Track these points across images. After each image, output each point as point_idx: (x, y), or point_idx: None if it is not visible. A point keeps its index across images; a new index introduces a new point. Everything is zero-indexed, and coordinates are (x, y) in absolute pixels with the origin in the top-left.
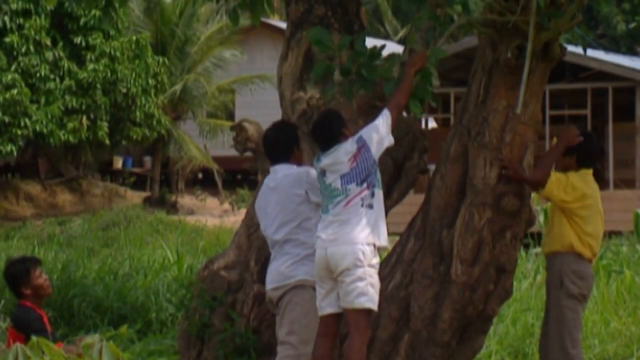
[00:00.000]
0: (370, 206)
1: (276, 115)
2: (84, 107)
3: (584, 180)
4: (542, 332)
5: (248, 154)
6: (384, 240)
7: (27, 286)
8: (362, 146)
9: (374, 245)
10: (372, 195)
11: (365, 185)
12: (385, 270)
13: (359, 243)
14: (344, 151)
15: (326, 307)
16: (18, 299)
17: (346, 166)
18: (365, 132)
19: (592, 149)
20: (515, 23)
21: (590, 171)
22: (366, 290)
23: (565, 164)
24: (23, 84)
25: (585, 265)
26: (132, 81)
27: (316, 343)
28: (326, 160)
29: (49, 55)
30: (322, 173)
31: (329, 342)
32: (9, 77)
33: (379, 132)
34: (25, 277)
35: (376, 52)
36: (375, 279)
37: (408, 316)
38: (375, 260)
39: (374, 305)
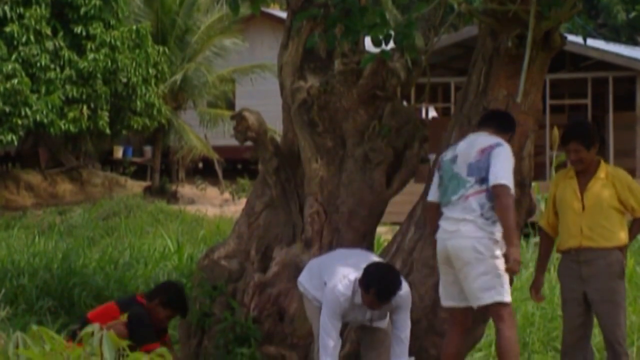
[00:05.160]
0: (494, 222)
1: (277, 104)
2: (84, 97)
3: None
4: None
5: (248, 143)
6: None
7: (163, 314)
8: (491, 150)
9: (496, 238)
10: (492, 208)
11: (484, 186)
12: (386, 259)
13: (478, 237)
14: (480, 140)
15: (446, 299)
16: (149, 300)
17: (474, 155)
18: (497, 154)
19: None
20: (516, 12)
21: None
22: (492, 283)
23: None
24: (23, 74)
25: None
26: (132, 71)
27: (447, 332)
28: (464, 144)
29: (50, 44)
30: (454, 159)
31: (455, 331)
32: (10, 66)
33: (506, 173)
34: (172, 311)
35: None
36: (501, 270)
37: None
38: (499, 252)
39: (503, 297)
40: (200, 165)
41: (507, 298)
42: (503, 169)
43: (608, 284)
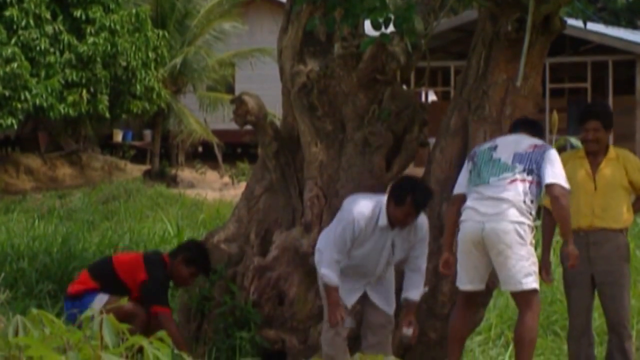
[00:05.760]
0: (530, 214)
1: (276, 88)
2: (84, 81)
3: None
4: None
5: (248, 127)
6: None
7: (186, 271)
8: (545, 148)
9: (532, 226)
10: (532, 201)
11: (530, 177)
12: None
13: (520, 221)
14: (528, 139)
15: (465, 284)
16: (173, 258)
17: (523, 148)
18: (550, 155)
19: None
20: None
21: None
22: (531, 269)
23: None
24: (23, 58)
25: None
26: (132, 54)
27: (458, 312)
28: (506, 137)
29: (49, 28)
30: (494, 148)
31: (470, 310)
32: (9, 50)
33: (563, 175)
34: (196, 269)
35: None
36: (536, 258)
37: None
38: (533, 240)
39: (538, 285)
40: (200, 149)
41: (538, 286)
42: (560, 170)
43: (615, 266)
